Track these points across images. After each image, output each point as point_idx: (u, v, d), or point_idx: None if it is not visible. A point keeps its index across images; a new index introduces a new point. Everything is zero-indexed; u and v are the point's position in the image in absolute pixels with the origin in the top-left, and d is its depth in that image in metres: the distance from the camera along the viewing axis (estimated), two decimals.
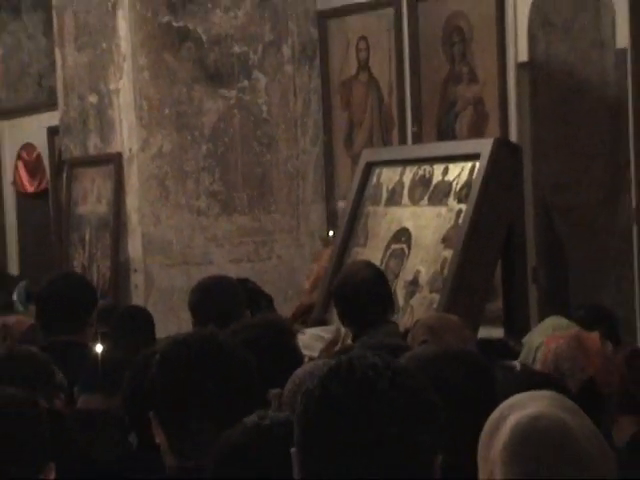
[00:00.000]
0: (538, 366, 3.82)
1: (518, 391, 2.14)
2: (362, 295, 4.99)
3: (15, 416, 2.45)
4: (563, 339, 3.71)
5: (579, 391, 3.49)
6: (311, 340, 4.90)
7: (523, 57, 6.83)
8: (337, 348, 5.04)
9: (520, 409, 2.04)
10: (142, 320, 5.90)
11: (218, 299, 4.98)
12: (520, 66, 6.85)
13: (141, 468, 2.77)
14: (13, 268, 10.86)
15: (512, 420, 2.02)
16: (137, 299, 7.64)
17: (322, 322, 5.95)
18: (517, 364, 3.85)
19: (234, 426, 2.27)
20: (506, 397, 2.13)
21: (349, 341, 5.06)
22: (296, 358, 3.67)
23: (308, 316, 6.31)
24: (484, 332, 5.54)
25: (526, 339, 4.62)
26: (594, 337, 3.89)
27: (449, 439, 2.28)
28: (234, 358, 2.59)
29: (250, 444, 2.17)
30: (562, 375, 3.55)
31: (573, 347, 3.60)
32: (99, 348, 4.84)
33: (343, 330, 5.24)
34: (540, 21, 6.74)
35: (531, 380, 3.02)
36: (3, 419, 2.44)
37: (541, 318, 6.11)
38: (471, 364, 2.57)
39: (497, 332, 5.86)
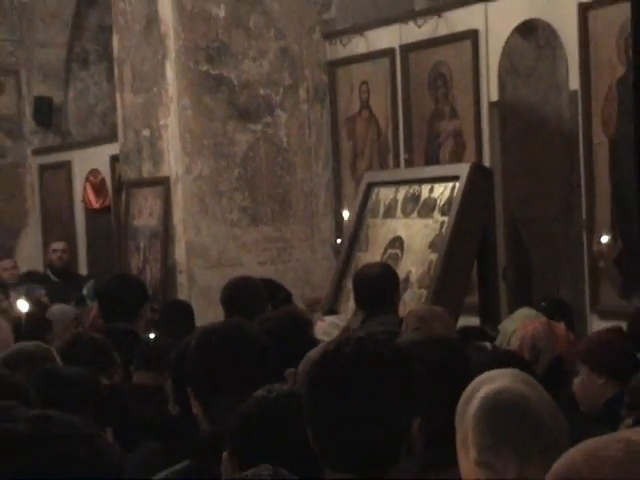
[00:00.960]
0: (515, 346, 3.79)
1: (489, 368, 2.13)
2: (375, 285, 4.97)
3: (77, 389, 2.42)
4: (538, 324, 3.70)
5: (550, 364, 3.47)
6: (329, 327, 4.87)
7: (494, 97, 6.81)
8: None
9: (488, 383, 2.02)
10: (184, 312, 5.88)
11: (244, 295, 4.96)
12: (492, 105, 6.83)
13: (181, 431, 2.76)
14: (83, 270, 10.85)
15: (482, 393, 2.01)
16: (182, 295, 7.62)
17: (331, 312, 5.93)
18: (488, 345, 3.83)
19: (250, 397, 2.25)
20: (479, 373, 2.12)
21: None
22: (310, 343, 3.65)
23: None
24: (463, 320, 5.52)
25: (501, 326, 4.59)
26: (561, 326, 3.89)
27: (432, 408, 2.27)
28: (256, 343, 2.57)
29: (258, 413, 2.15)
30: (538, 351, 3.52)
31: (546, 330, 3.58)
32: (152, 335, 4.84)
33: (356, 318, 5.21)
34: (508, 68, 6.72)
35: (499, 359, 3.00)
36: (67, 391, 2.41)
37: (510, 309, 6.09)
38: (450, 347, 2.56)
39: (474, 320, 5.84)
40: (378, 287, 4.93)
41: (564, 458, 1.39)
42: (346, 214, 6.42)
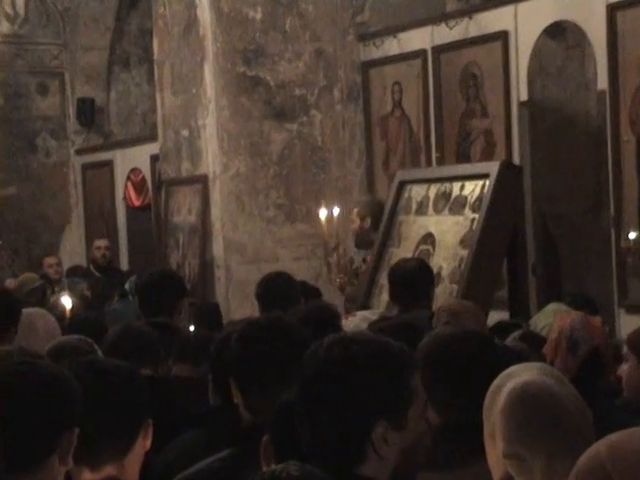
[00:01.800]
0: (552, 338, 3.75)
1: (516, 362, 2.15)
2: (410, 280, 4.97)
3: (115, 379, 2.45)
4: (575, 315, 3.68)
5: (588, 355, 3.48)
6: (360, 321, 4.88)
7: (524, 97, 6.80)
8: None
9: (515, 377, 2.03)
10: (213, 312, 5.93)
11: (279, 289, 4.97)
12: (521, 104, 6.82)
13: (222, 421, 2.79)
14: (124, 265, 10.93)
15: (509, 386, 2.01)
16: (220, 289, 7.67)
17: (365, 307, 5.95)
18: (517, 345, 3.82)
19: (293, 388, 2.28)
20: (506, 367, 2.13)
21: None
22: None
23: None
24: (493, 315, 5.52)
25: (532, 321, 4.58)
26: (597, 319, 3.89)
27: (463, 399, 2.29)
28: (295, 335, 2.59)
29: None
30: (576, 342, 3.51)
31: (584, 322, 3.57)
32: (192, 328, 4.87)
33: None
34: (537, 68, 6.71)
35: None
36: (105, 382, 2.44)
37: (539, 304, 6.09)
38: (481, 341, 2.57)
39: (504, 315, 5.84)
40: (413, 282, 4.94)
41: (589, 450, 1.40)
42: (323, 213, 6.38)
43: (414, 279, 4.96)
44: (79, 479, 2.37)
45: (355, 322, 4.79)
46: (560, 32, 6.52)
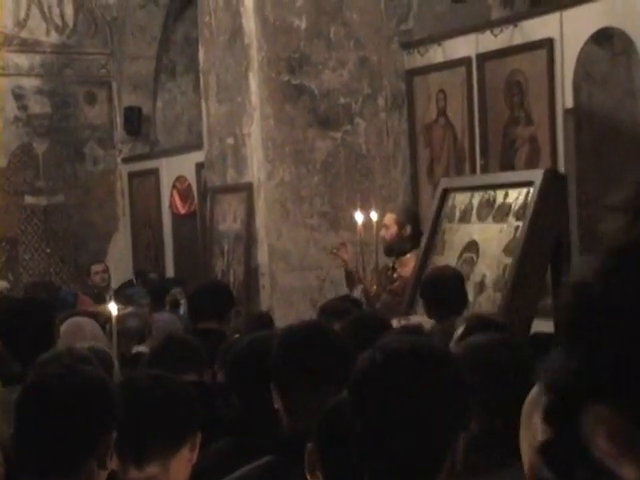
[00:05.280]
0: None
1: None
2: (442, 290, 5.00)
3: (162, 393, 2.48)
4: None
5: None
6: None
7: (569, 104, 6.77)
8: None
9: None
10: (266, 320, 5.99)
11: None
12: (567, 111, 6.79)
13: (256, 428, 2.82)
14: (170, 272, 11.02)
15: None
16: (264, 296, 7.71)
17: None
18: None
19: (336, 394, 2.27)
20: None
21: None
22: None
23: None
24: (537, 323, 5.50)
25: None
26: None
27: (497, 408, 2.28)
28: (336, 342, 2.61)
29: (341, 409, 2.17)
30: None
31: None
32: (237, 336, 4.92)
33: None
34: (583, 75, 6.67)
35: None
36: (166, 390, 2.48)
37: None
38: (513, 348, 2.57)
39: (548, 324, 5.80)
40: (443, 290, 4.97)
41: None
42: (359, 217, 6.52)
43: (446, 291, 4.98)
44: (125, 478, 2.42)
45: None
46: (607, 39, 6.48)
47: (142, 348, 5.20)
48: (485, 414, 2.43)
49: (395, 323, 4.89)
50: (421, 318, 5.15)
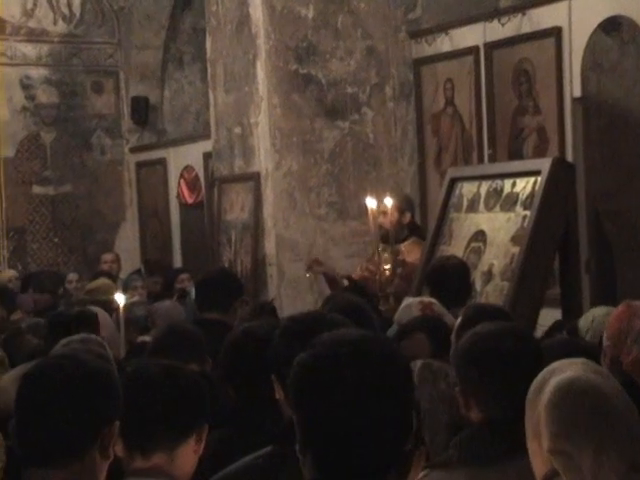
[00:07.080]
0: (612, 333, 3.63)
1: (558, 358, 2.13)
2: (447, 279, 4.98)
3: (170, 383, 2.48)
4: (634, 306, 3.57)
5: None
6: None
7: (577, 93, 6.73)
8: None
9: (559, 373, 2.01)
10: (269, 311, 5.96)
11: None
12: (575, 100, 6.76)
13: (256, 418, 2.81)
14: (177, 262, 11.03)
15: (553, 382, 1.99)
16: (272, 286, 7.70)
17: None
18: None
19: None
20: (549, 363, 2.12)
21: None
22: None
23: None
24: (545, 312, 5.49)
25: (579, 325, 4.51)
26: None
27: (505, 395, 2.27)
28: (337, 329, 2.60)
29: None
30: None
31: None
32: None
33: None
34: (591, 64, 6.64)
35: (570, 349, 2.98)
36: (175, 381, 2.48)
37: (593, 302, 6.03)
38: (521, 337, 2.55)
39: (556, 313, 5.79)
40: (448, 280, 4.95)
41: None
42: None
43: (451, 280, 4.97)
44: (131, 466, 2.41)
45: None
46: (615, 27, 6.45)
47: (147, 337, 5.20)
48: (491, 404, 2.42)
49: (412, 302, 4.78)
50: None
